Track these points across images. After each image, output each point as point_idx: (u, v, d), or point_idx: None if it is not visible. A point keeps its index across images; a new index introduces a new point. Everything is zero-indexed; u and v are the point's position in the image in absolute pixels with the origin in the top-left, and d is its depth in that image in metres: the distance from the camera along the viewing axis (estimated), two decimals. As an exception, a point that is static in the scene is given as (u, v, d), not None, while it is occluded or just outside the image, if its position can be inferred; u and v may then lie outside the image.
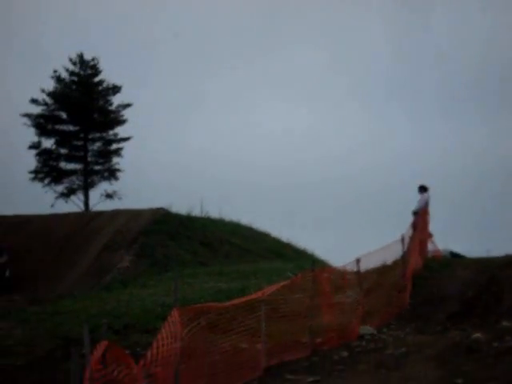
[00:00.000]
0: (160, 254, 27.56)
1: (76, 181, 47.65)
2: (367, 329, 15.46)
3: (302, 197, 73.09)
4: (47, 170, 47.22)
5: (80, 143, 48.16)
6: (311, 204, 71.40)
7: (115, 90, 47.64)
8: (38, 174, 46.96)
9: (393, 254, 17.55)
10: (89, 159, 48.19)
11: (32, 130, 47.54)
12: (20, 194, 53.57)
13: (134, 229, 29.39)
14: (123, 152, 48.42)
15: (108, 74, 48.03)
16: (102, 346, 8.08)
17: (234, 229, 32.47)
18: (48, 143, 47.92)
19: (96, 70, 47.61)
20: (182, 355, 10.54)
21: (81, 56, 47.48)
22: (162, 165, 70.07)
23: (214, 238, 29.95)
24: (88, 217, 32.44)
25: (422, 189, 21.17)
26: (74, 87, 47.22)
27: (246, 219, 34.79)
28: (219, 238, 30.18)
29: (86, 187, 47.37)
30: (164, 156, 73.40)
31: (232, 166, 74.06)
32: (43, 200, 47.42)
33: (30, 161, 47.80)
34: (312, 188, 75.58)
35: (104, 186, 48.18)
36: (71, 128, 48.06)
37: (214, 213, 34.12)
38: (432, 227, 21.69)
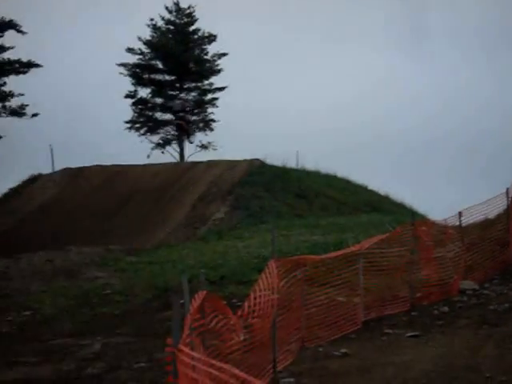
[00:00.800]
0: (255, 206, 27.47)
1: (171, 131, 47.94)
2: (469, 284, 15.01)
3: (401, 148, 71.88)
4: (143, 119, 47.62)
5: (176, 93, 48.33)
6: (410, 156, 70.20)
7: (211, 39, 47.45)
8: (134, 124, 47.41)
9: (496, 208, 16.96)
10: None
11: (128, 80, 47.94)
12: (117, 143, 54.31)
13: (229, 180, 29.37)
14: (218, 102, 48.42)
15: (204, 23, 47.80)
16: (201, 295, 7.96)
17: (330, 181, 32.10)
18: (144, 93, 48.28)
19: (192, 19, 47.45)
20: (278, 307, 10.37)
21: (177, 4, 47.38)
22: (257, 116, 69.87)
23: (310, 190, 29.68)
24: (183, 168, 32.57)
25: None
26: (169, 36, 47.24)
27: (342, 172, 34.37)
28: (315, 190, 29.90)
29: (181, 138, 47.61)
30: (259, 107, 73.24)
31: (328, 118, 73.37)
32: (139, 150, 47.97)
33: (127, 110, 48.29)
34: (412, 140, 74.33)
35: (199, 137, 48.37)
36: (167, 78, 48.24)
37: (309, 165, 33.81)
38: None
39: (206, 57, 47.76)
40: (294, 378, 9.66)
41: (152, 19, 47.16)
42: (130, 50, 47.28)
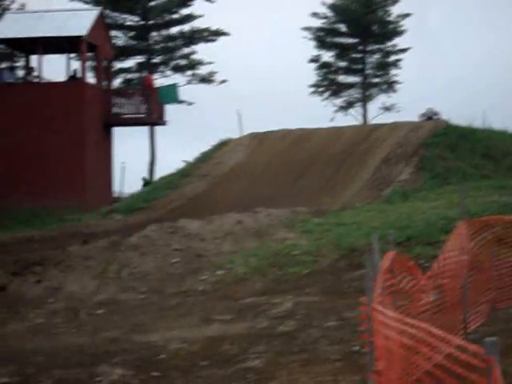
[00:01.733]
0: (440, 167, 27.12)
1: (354, 94, 47.88)
2: None
3: None
4: (326, 83, 47.85)
5: (359, 56, 48.20)
6: None
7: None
8: (318, 88, 47.73)
9: None
10: (367, 72, 48.17)
11: (312, 44, 48.24)
12: (301, 107, 54.83)
13: (413, 141, 29.09)
14: (401, 63, 47.89)
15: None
16: (390, 256, 8.08)
17: (519, 141, 31.14)
18: (327, 56, 48.42)
19: (374, -19, 47.15)
20: (468, 268, 10.33)
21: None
22: (440, 76, 68.48)
23: (497, 150, 28.94)
24: (367, 130, 32.52)
25: None
26: (353, -1, 47.15)
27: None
28: (502, 150, 29.13)
29: (365, 100, 47.47)
30: (441, 67, 71.66)
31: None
32: (323, 114, 48.25)
33: (310, 74, 48.64)
34: None
35: (382, 99, 48.05)
36: (350, 41, 48.17)
37: (496, 125, 32.89)
38: None
39: (389, 18, 47.31)
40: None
41: (336, -17, 47.20)
42: (314, 15, 47.55)
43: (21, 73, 38.10)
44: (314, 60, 47.55)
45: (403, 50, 47.50)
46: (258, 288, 14.70)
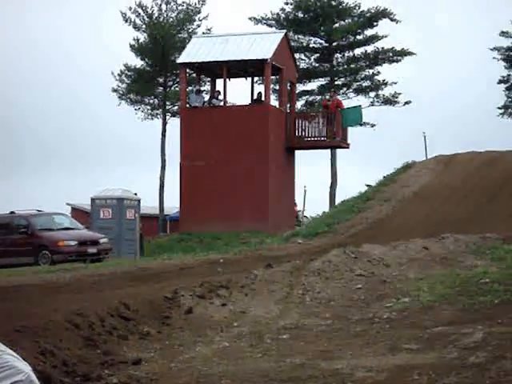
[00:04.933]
0: None
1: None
2: None
3: None
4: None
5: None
6: None
7: None
8: (507, 110, 46.21)
9: None
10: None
11: (501, 64, 46.81)
12: (488, 129, 53.30)
13: None
14: None
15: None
16: None
17: None
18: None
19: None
20: None
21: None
22: None
23: None
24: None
25: None
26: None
27: None
28: None
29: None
30: None
31: None
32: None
33: (500, 95, 47.19)
34: None
35: None
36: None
37: None
38: None
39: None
40: None
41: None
42: (503, 34, 46.13)
43: (206, 96, 39.07)
44: (504, 81, 46.09)
45: None
46: (445, 317, 14.19)
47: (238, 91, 40.29)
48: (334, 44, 47.65)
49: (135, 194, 34.11)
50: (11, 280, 19.85)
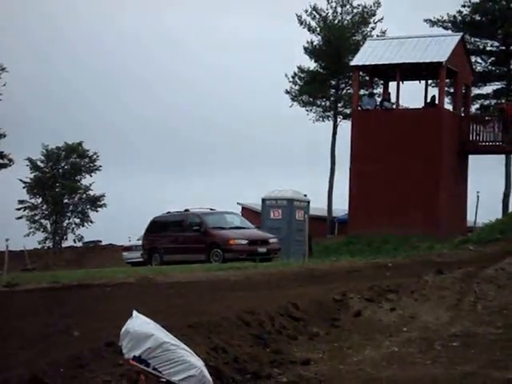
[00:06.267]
0: None
1: None
2: None
3: None
4: None
5: None
6: None
7: None
8: None
9: None
10: None
11: None
12: None
13: None
14: None
15: None
16: None
17: None
18: None
19: None
20: None
21: None
22: None
23: None
24: None
25: None
26: None
27: None
28: None
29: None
30: None
31: None
32: None
33: None
34: None
35: None
36: None
37: None
38: None
39: None
40: None
41: None
42: None
43: (378, 99, 38.87)
44: None
45: None
46: None
47: (410, 94, 39.86)
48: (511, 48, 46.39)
49: (305, 195, 34.32)
50: (184, 276, 20.47)
